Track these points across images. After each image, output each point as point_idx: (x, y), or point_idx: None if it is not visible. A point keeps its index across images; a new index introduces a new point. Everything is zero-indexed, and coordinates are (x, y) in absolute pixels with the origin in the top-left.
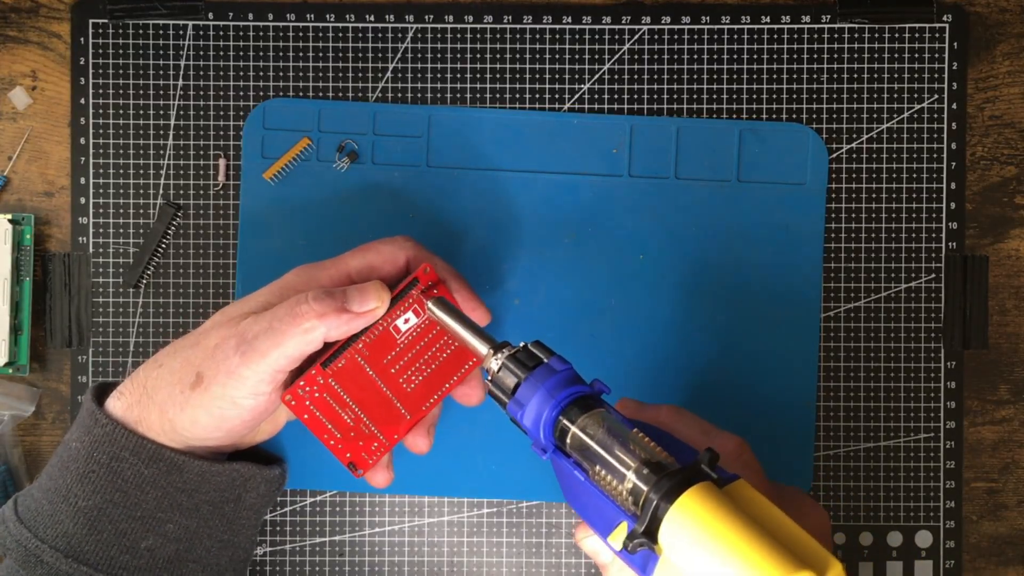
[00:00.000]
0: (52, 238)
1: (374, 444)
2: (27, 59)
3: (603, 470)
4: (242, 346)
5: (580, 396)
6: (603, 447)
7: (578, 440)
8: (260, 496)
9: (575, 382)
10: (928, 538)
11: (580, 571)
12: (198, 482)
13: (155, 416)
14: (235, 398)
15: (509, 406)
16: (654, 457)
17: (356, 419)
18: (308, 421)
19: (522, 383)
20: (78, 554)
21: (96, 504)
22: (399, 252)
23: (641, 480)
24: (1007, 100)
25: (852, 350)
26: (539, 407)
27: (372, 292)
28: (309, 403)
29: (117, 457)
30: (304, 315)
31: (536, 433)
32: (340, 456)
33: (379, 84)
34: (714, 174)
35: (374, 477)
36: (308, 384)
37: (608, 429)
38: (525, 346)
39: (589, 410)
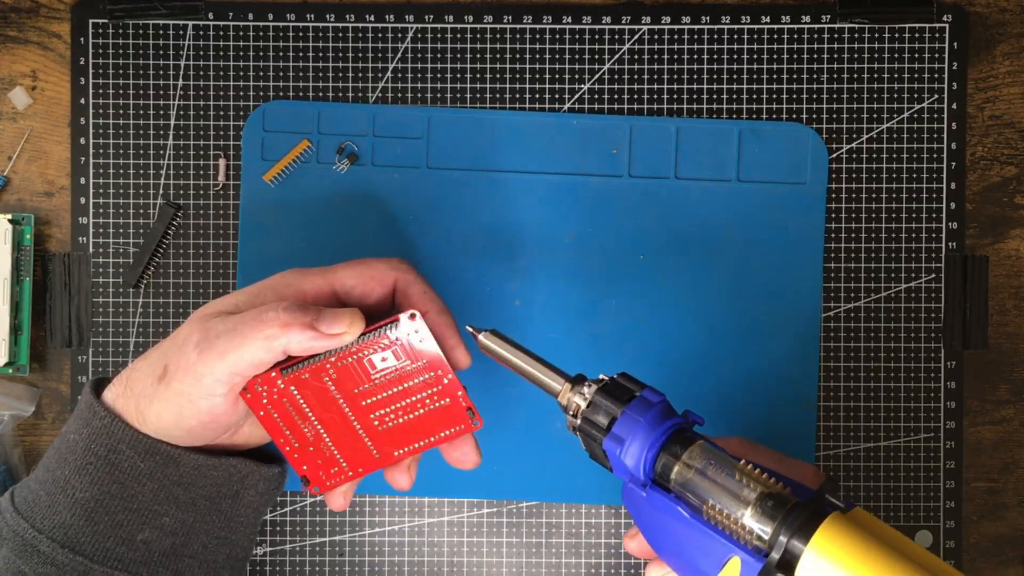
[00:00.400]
0: (52, 238)
1: (334, 468)
2: (27, 59)
3: (716, 504)
4: (203, 343)
5: (678, 428)
6: (712, 481)
7: (683, 475)
8: (259, 494)
9: (671, 414)
10: (928, 538)
11: (580, 571)
12: (194, 476)
13: (132, 408)
14: (191, 396)
15: (605, 442)
16: (771, 489)
17: (317, 437)
18: (263, 419)
19: (619, 418)
20: (75, 545)
21: (93, 496)
22: (389, 272)
23: (766, 514)
24: (1007, 100)
25: (852, 350)
26: (642, 443)
27: (345, 318)
28: (266, 402)
29: (114, 449)
30: (269, 322)
31: (636, 469)
32: (295, 465)
33: (379, 84)
34: (714, 174)
35: (331, 499)
36: (264, 383)
37: (714, 462)
38: (612, 379)
39: (689, 443)
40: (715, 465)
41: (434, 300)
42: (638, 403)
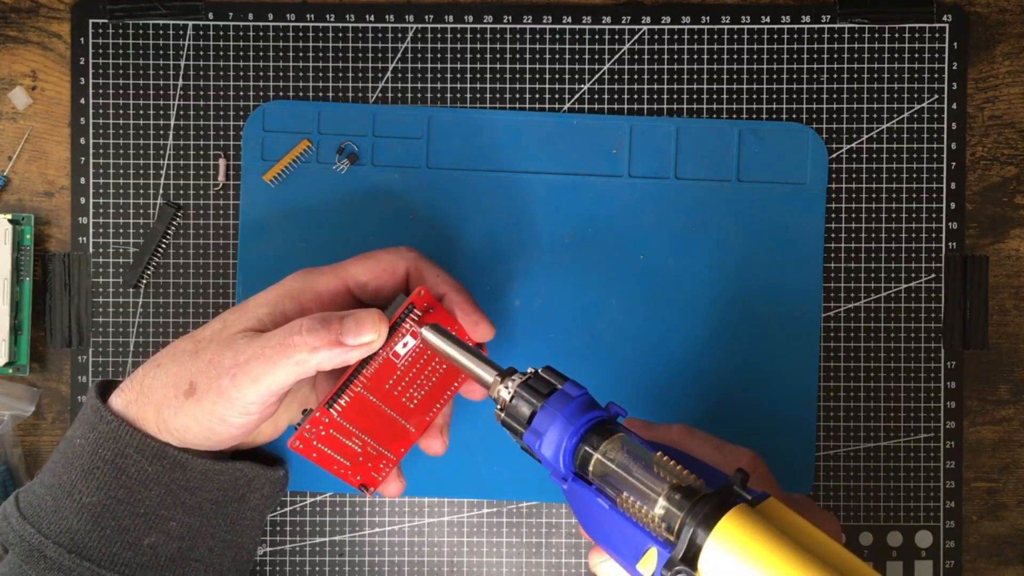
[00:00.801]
0: (52, 238)
1: (382, 463)
2: (27, 59)
3: (630, 496)
4: (234, 368)
5: (599, 421)
6: (628, 473)
7: (601, 467)
8: (264, 497)
9: (592, 407)
10: (928, 538)
11: (580, 571)
12: (201, 480)
13: (151, 415)
14: (224, 416)
15: (525, 436)
16: (683, 481)
17: (363, 445)
18: (317, 459)
19: (538, 411)
20: (81, 550)
21: (100, 500)
22: (399, 262)
23: (674, 505)
24: (1007, 100)
25: (852, 350)
26: (559, 436)
27: (368, 324)
28: (316, 442)
29: (121, 454)
30: (297, 347)
31: (556, 462)
32: (351, 481)
33: (379, 84)
34: (714, 174)
35: (387, 489)
36: (313, 426)
37: (631, 453)
38: (536, 372)
39: (609, 435)
40: (632, 457)
41: (448, 281)
42: (558, 396)
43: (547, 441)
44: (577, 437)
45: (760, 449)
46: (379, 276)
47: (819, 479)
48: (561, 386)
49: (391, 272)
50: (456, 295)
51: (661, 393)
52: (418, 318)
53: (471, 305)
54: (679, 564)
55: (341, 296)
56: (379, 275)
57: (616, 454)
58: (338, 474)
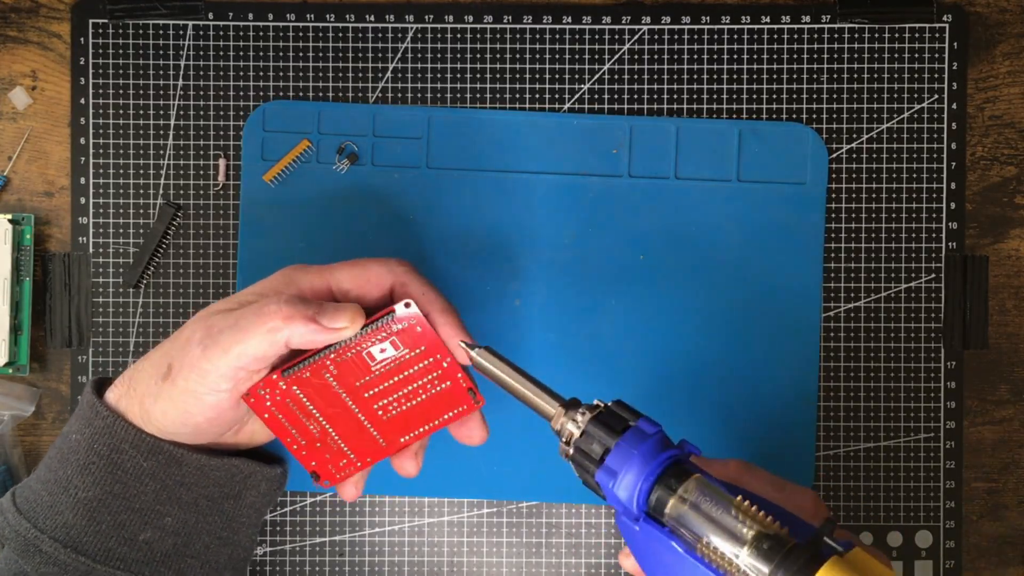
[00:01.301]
0: (52, 238)
1: (343, 460)
2: (27, 59)
3: (711, 543)
4: (206, 339)
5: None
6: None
7: (677, 509)
8: (261, 495)
9: (667, 446)
10: (928, 538)
11: (580, 571)
12: (197, 476)
13: (136, 408)
14: (196, 392)
15: (598, 475)
16: (767, 528)
17: (323, 432)
18: (268, 421)
19: (612, 449)
20: (77, 545)
21: (96, 495)
22: (386, 276)
23: (762, 556)
24: (1007, 100)
25: (852, 350)
26: (636, 476)
27: (346, 313)
28: (270, 404)
29: (117, 449)
30: (271, 315)
31: (630, 503)
32: (304, 463)
33: (379, 84)
34: (714, 174)
35: (343, 490)
36: (267, 386)
37: (710, 497)
38: (607, 406)
39: (684, 476)
40: (711, 500)
41: (434, 300)
42: (633, 434)
43: (623, 482)
44: (654, 477)
45: (760, 449)
46: (362, 286)
47: (819, 479)
48: (634, 423)
49: (375, 284)
50: (441, 315)
51: (661, 393)
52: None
53: (456, 327)
54: None
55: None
56: (362, 285)
57: (694, 495)
58: (290, 448)
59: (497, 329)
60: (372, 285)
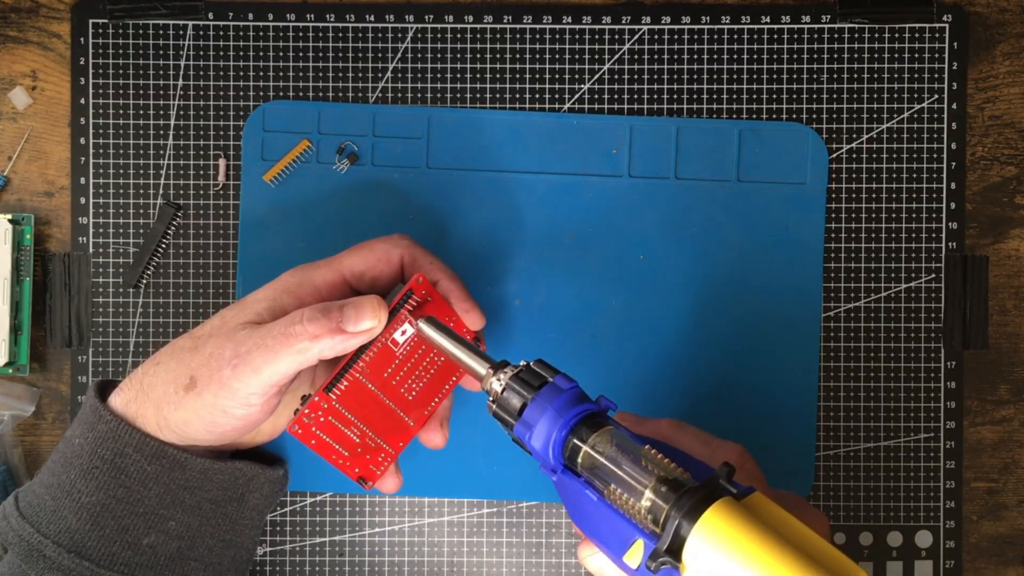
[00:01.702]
0: (52, 238)
1: (380, 455)
2: (27, 59)
3: (618, 488)
4: (235, 359)
5: (588, 414)
6: (616, 465)
7: (590, 459)
8: (263, 497)
9: (582, 400)
10: (928, 538)
11: (580, 571)
12: (200, 480)
13: (151, 412)
14: (226, 408)
15: (516, 428)
16: (670, 474)
17: (362, 435)
18: (316, 447)
19: (529, 404)
20: (80, 549)
21: (99, 500)
22: (394, 250)
23: (660, 498)
24: (1007, 100)
25: (852, 350)
26: (548, 428)
27: (368, 310)
28: (315, 428)
29: (121, 453)
30: (298, 336)
31: (545, 454)
32: (349, 473)
33: (379, 84)
34: (714, 174)
35: (383, 484)
36: (312, 411)
37: (620, 446)
38: (528, 365)
39: (598, 428)
40: (620, 450)
41: (442, 268)
42: (549, 389)
43: (537, 433)
44: (567, 429)
45: (760, 449)
46: (375, 265)
47: (819, 479)
48: (552, 379)
49: (386, 261)
50: (449, 282)
51: (661, 392)
52: (415, 307)
53: (463, 293)
54: (663, 555)
55: (338, 288)
56: (374, 264)
57: (605, 447)
58: (336, 464)
59: (497, 329)
60: (383, 263)
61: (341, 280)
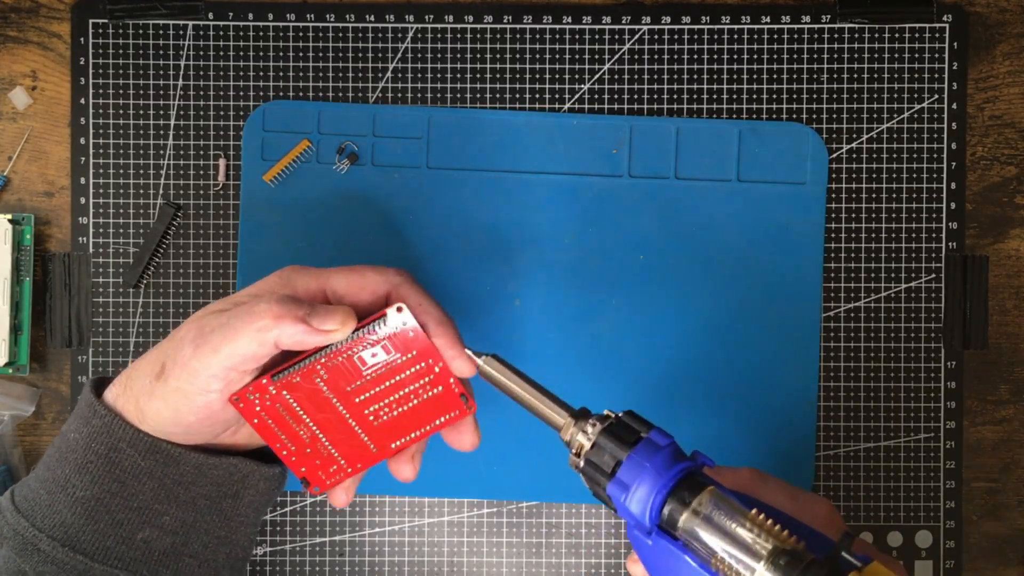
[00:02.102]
0: (52, 238)
1: (333, 467)
2: (27, 59)
3: (726, 558)
4: (198, 339)
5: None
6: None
7: (690, 524)
8: (259, 494)
9: (680, 458)
10: (928, 538)
11: (580, 571)
12: (195, 475)
13: (132, 406)
14: (187, 392)
15: (610, 488)
16: (784, 544)
17: (313, 438)
18: (257, 426)
19: (624, 462)
20: (75, 543)
21: (94, 494)
22: (382, 284)
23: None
24: (1007, 100)
25: (852, 350)
26: (649, 490)
27: (338, 315)
28: (259, 409)
29: (115, 448)
30: (261, 314)
31: (642, 517)
32: (293, 468)
33: (379, 84)
34: (714, 174)
35: (334, 496)
36: (256, 391)
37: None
38: (618, 417)
39: (698, 488)
40: (725, 514)
41: (431, 311)
42: (645, 446)
43: (635, 494)
44: (667, 490)
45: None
46: (357, 292)
47: (819, 479)
48: (646, 434)
49: (371, 291)
50: (438, 327)
51: (661, 392)
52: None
53: (452, 339)
54: None
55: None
56: (357, 292)
57: (707, 509)
58: (280, 454)
59: (497, 329)
60: (367, 292)
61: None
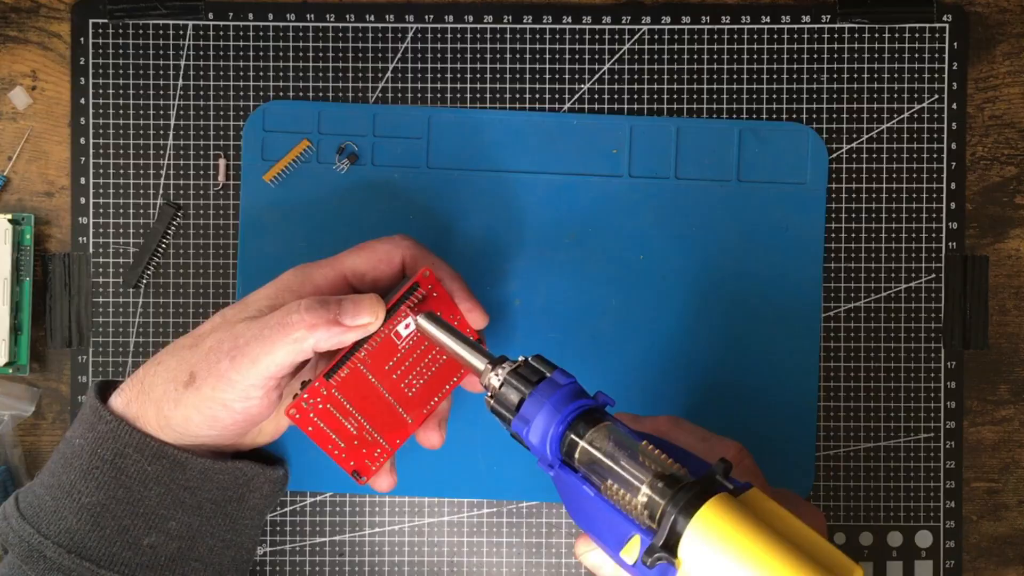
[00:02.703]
0: (52, 238)
1: (377, 451)
2: (27, 59)
3: (615, 484)
4: (233, 351)
5: (586, 410)
6: (614, 460)
7: (587, 455)
8: (263, 497)
9: (580, 395)
10: (928, 538)
11: (580, 571)
12: (200, 480)
13: (151, 412)
14: (225, 401)
15: (513, 423)
16: (667, 469)
17: (359, 427)
18: (312, 434)
19: (526, 399)
20: (81, 550)
21: (99, 500)
22: (395, 251)
23: (657, 493)
24: (1007, 100)
25: (852, 350)
26: (546, 423)
27: (366, 306)
28: (313, 415)
29: (121, 453)
30: (294, 325)
31: (542, 449)
32: (344, 465)
33: (379, 84)
34: (714, 174)
35: (378, 482)
36: (312, 396)
37: (617, 442)
38: (526, 360)
39: (596, 423)
40: (617, 446)
41: (443, 268)
42: (546, 384)
43: (534, 428)
44: (564, 425)
45: (760, 449)
46: (376, 266)
47: (819, 479)
48: (550, 374)
49: (387, 261)
50: (451, 282)
51: (661, 393)
52: (418, 301)
53: (465, 292)
54: (659, 551)
55: (339, 287)
56: (376, 264)
57: (602, 442)
58: (332, 454)
59: (497, 329)
60: (384, 263)
61: (342, 279)
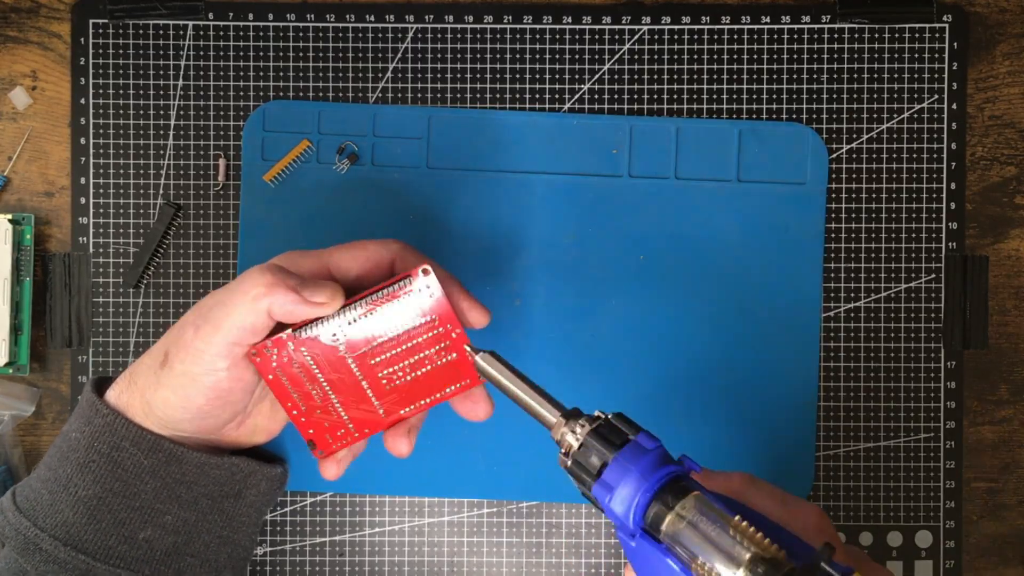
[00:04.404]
0: (52, 238)
1: (340, 430)
2: (27, 59)
3: (707, 563)
4: (198, 320)
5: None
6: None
7: (674, 527)
8: (261, 494)
9: (667, 461)
10: (928, 538)
11: (580, 571)
12: (197, 474)
13: (137, 401)
14: (194, 374)
15: (595, 488)
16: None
17: (325, 399)
18: (271, 383)
19: (609, 463)
20: (77, 543)
21: (96, 494)
22: (384, 252)
23: None
24: (1007, 100)
25: (852, 350)
26: (632, 492)
27: (327, 289)
28: (276, 365)
29: (117, 447)
30: (254, 282)
31: (625, 518)
32: (302, 429)
33: (379, 84)
34: (714, 174)
35: (325, 467)
36: (275, 346)
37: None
38: (607, 419)
39: (683, 493)
40: (708, 519)
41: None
42: (631, 448)
43: (618, 496)
44: (651, 493)
45: (760, 449)
46: (363, 264)
47: (819, 479)
48: (634, 437)
49: (375, 261)
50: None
51: (660, 393)
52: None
53: (462, 291)
54: None
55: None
56: (363, 263)
57: (692, 514)
58: (290, 413)
59: (497, 329)
60: (372, 263)
61: (326, 273)
